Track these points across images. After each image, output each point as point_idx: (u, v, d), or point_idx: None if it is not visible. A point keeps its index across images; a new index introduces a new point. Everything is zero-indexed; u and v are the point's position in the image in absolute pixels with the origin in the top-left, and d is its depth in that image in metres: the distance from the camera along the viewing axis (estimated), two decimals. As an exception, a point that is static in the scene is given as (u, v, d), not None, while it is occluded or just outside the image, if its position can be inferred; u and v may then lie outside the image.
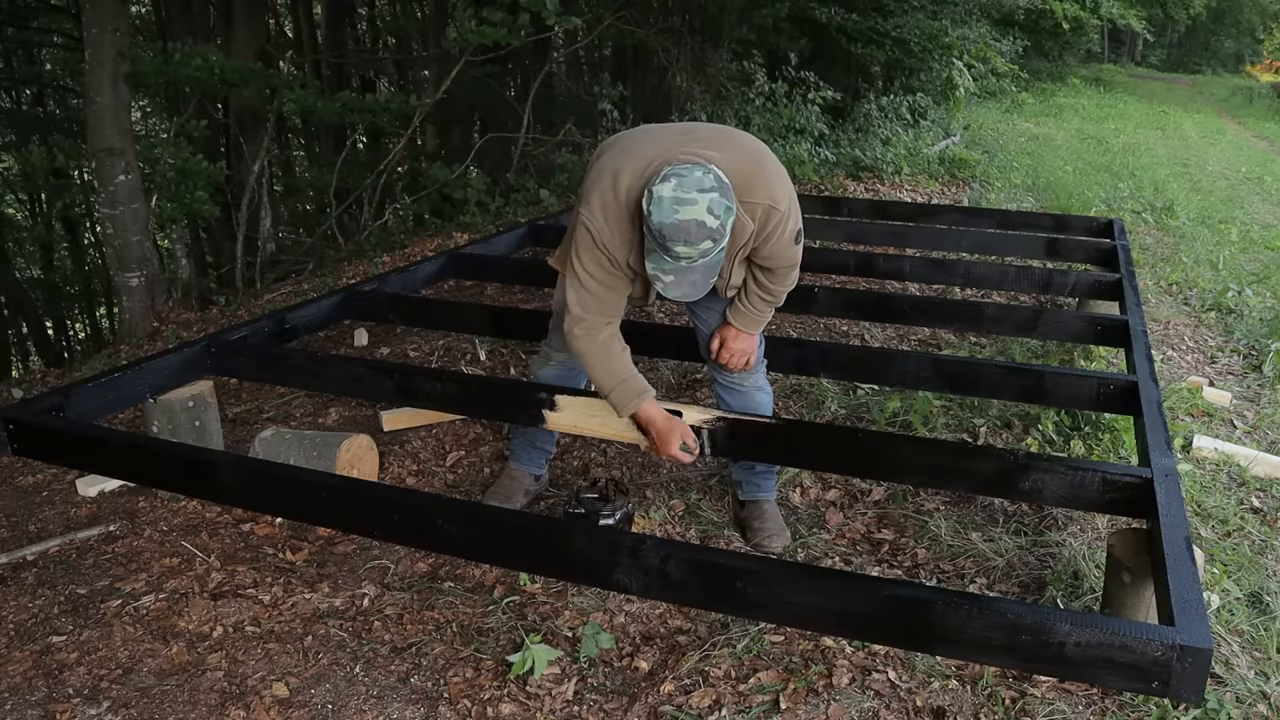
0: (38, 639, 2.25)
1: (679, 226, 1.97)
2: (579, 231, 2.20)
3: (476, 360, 4.03)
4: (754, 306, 2.43)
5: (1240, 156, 12.11)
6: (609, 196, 2.15)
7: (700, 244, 1.99)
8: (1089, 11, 15.37)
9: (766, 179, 2.20)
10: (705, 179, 2.01)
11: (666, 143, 2.17)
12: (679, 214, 1.97)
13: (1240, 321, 4.76)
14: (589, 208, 2.17)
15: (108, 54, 5.18)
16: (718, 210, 1.99)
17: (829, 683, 2.05)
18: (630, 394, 2.30)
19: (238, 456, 2.72)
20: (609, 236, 2.16)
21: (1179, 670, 1.53)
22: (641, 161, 2.13)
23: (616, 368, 2.30)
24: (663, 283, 2.08)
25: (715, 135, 2.26)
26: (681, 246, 1.99)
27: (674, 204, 1.97)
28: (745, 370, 2.56)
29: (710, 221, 1.98)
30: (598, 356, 2.28)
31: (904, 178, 8.31)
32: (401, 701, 2.05)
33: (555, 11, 6.88)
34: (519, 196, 7.58)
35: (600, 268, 2.20)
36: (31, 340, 12.67)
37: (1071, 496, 2.22)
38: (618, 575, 1.87)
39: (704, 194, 1.98)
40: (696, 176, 2.00)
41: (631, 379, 2.30)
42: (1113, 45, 31.08)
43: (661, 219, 1.98)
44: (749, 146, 2.26)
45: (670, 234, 1.98)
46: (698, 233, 1.97)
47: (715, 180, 2.02)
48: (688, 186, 1.99)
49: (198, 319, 5.46)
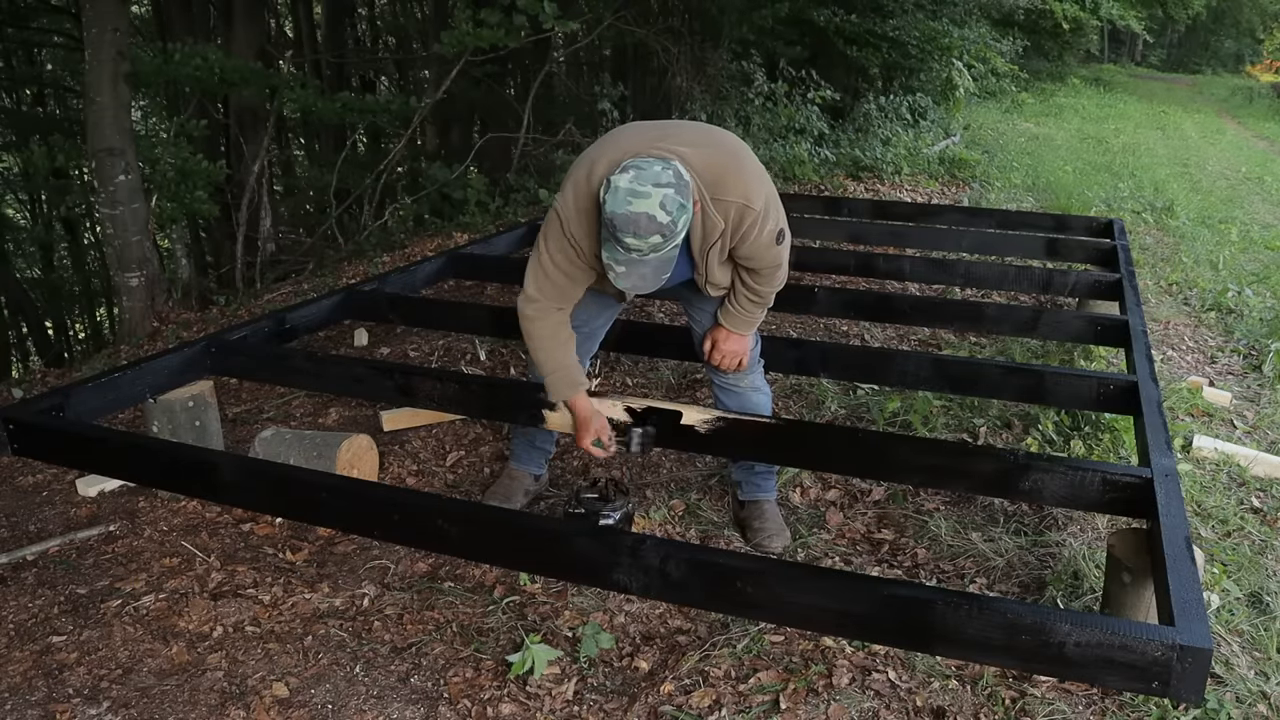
0: (38, 639, 2.25)
1: (629, 218, 1.99)
2: (549, 216, 2.25)
3: (476, 360, 4.03)
4: (742, 308, 2.44)
5: (1240, 156, 12.12)
6: (582, 186, 2.18)
7: (649, 238, 2.00)
8: (1088, 12, 15.37)
9: (741, 177, 2.21)
10: (664, 174, 2.02)
11: (645, 138, 2.20)
12: (631, 206, 1.99)
13: (1240, 321, 4.77)
14: (563, 195, 2.22)
15: (108, 54, 5.18)
16: (670, 207, 2.00)
17: (829, 683, 2.05)
18: (565, 382, 2.37)
19: (238, 456, 2.72)
20: (576, 225, 2.19)
21: (1179, 670, 1.53)
22: (617, 154, 2.15)
23: (558, 354, 2.35)
24: (615, 272, 2.10)
25: (694, 132, 2.28)
26: (631, 238, 2.00)
27: (628, 195, 1.99)
28: (739, 371, 2.56)
29: (661, 216, 1.99)
30: (543, 339, 2.34)
31: (904, 178, 8.31)
32: (401, 701, 2.05)
33: (553, 15, 6.88)
34: (519, 196, 7.57)
35: (564, 256, 2.24)
36: (31, 340, 12.67)
37: (1071, 496, 2.22)
38: (618, 575, 1.87)
39: (659, 189, 2.00)
40: (655, 171, 2.02)
41: (570, 368, 2.36)
42: (1113, 45, 31.09)
43: (614, 209, 2.00)
44: (727, 145, 2.27)
45: (621, 224, 2.00)
46: (647, 226, 1.99)
47: (674, 176, 2.03)
48: (644, 180, 2.01)
49: (198, 319, 5.46)
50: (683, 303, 2.63)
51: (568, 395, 2.39)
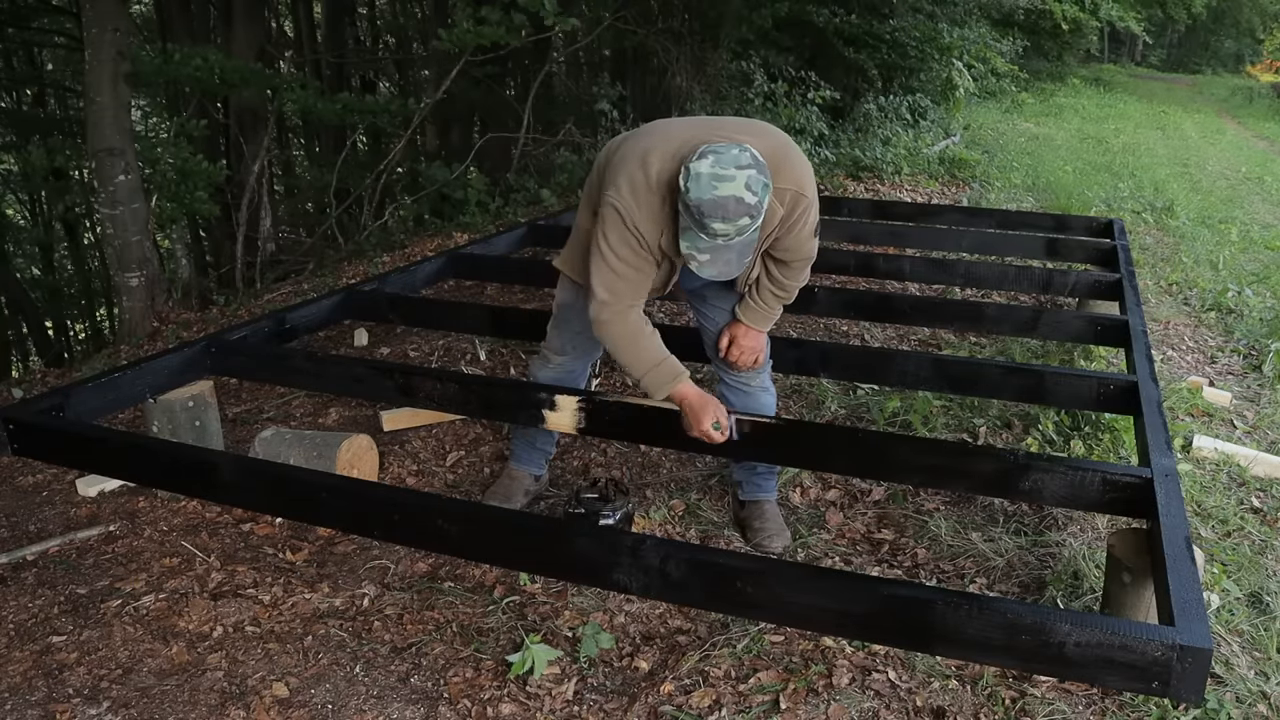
0: (38, 639, 2.25)
1: (718, 202, 1.97)
2: (606, 213, 2.17)
3: (476, 360, 4.03)
4: (765, 303, 2.43)
5: (1240, 156, 12.12)
6: (639, 177, 2.14)
7: (738, 220, 1.99)
8: (1088, 13, 15.37)
9: (796, 165, 2.22)
10: (742, 156, 2.01)
11: (696, 129, 2.19)
12: (718, 190, 1.97)
13: (1240, 321, 4.77)
14: (616, 189, 2.15)
15: (108, 54, 5.18)
16: (755, 187, 1.99)
17: (829, 683, 2.05)
18: (667, 376, 2.28)
19: (238, 456, 2.72)
20: (639, 216, 2.14)
21: (1179, 670, 1.53)
22: (673, 144, 2.13)
23: (648, 350, 2.28)
24: (698, 261, 2.07)
25: (743, 124, 2.29)
26: (719, 223, 1.98)
27: (712, 180, 1.97)
28: (754, 369, 2.55)
29: (749, 198, 1.98)
30: (629, 340, 2.26)
31: (904, 178, 8.31)
32: (401, 701, 2.05)
33: (554, 12, 6.88)
34: (519, 196, 7.57)
35: (629, 248, 2.17)
36: (31, 340, 12.66)
37: (1071, 496, 2.22)
38: (618, 575, 1.87)
39: (742, 170, 1.99)
40: (734, 154, 2.01)
41: (665, 360, 2.28)
42: (1113, 45, 31.10)
43: (700, 195, 1.98)
44: (775, 134, 2.28)
45: (709, 210, 1.97)
46: (736, 209, 1.97)
47: (752, 158, 2.02)
48: (725, 163, 1.99)
49: (198, 319, 5.46)
50: (694, 300, 2.57)
51: (673, 387, 2.29)
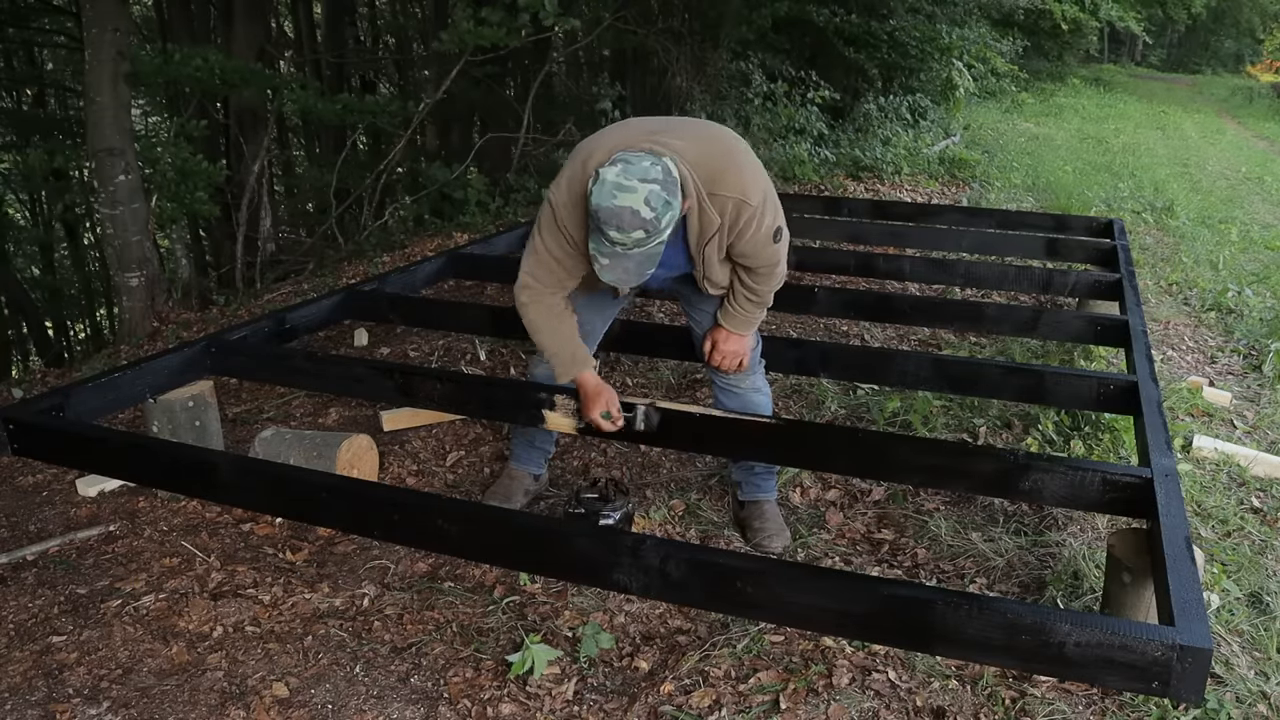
0: (38, 639, 2.25)
1: (613, 211, 1.98)
2: (544, 204, 2.26)
3: (476, 360, 4.03)
4: (741, 308, 2.44)
5: (1240, 156, 12.12)
6: (576, 176, 2.18)
7: (632, 233, 1.99)
8: (1088, 13, 15.37)
9: (738, 173, 2.20)
10: (652, 169, 2.01)
11: (641, 130, 2.20)
12: (616, 199, 1.98)
13: (1240, 321, 4.77)
14: (557, 184, 2.22)
15: (108, 54, 5.18)
16: (655, 203, 1.98)
17: (829, 683, 2.05)
18: (571, 360, 2.37)
19: (238, 456, 2.72)
20: (568, 214, 2.20)
21: (1179, 670, 1.53)
22: (610, 145, 2.15)
23: (560, 334, 2.36)
24: (599, 264, 2.10)
25: (692, 128, 2.28)
26: (614, 231, 2.00)
27: (614, 189, 1.99)
28: (739, 372, 2.56)
29: (645, 212, 1.98)
30: (542, 321, 2.34)
31: (904, 178, 8.31)
32: (401, 701, 2.05)
33: (554, 12, 6.88)
34: (519, 196, 7.57)
35: (556, 242, 2.24)
36: (31, 340, 12.65)
37: (1071, 496, 2.22)
38: (618, 575, 1.87)
39: (645, 184, 1.98)
40: (644, 166, 2.01)
41: (575, 346, 2.37)
42: (1112, 45, 31.10)
43: (599, 201, 2.00)
44: (724, 140, 2.27)
45: (605, 217, 1.99)
46: (630, 220, 1.98)
47: (662, 172, 2.01)
48: (631, 174, 1.99)
49: (198, 319, 5.46)
50: (682, 302, 2.63)
51: (574, 373, 2.37)
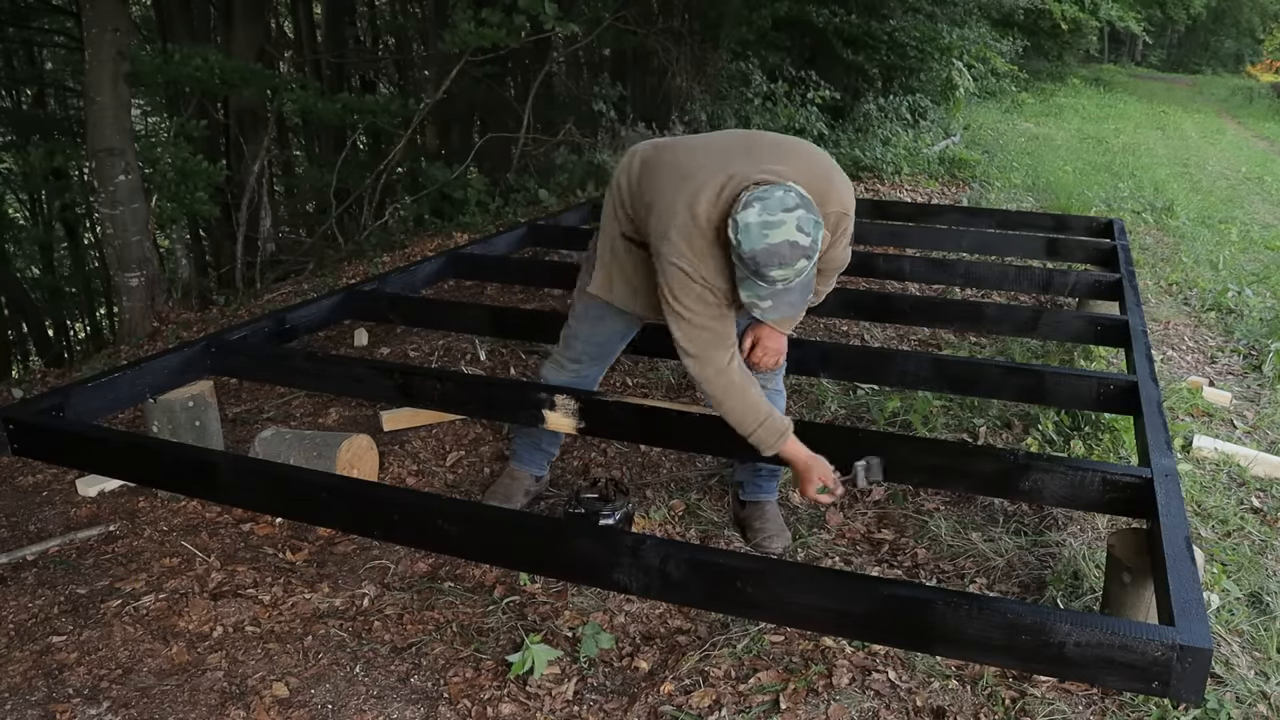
0: (38, 639, 2.25)
1: (772, 251, 1.92)
2: (670, 273, 2.10)
3: (476, 360, 4.03)
4: None
5: (1240, 156, 12.12)
6: (691, 229, 2.07)
7: (795, 264, 1.94)
8: (1088, 13, 15.37)
9: (839, 187, 2.20)
10: (788, 198, 1.95)
11: (732, 162, 2.11)
12: (769, 238, 1.91)
13: (1240, 321, 4.77)
14: (672, 246, 2.08)
15: (108, 54, 5.18)
16: (807, 227, 1.94)
17: (829, 683, 2.05)
18: (775, 432, 2.21)
19: (238, 456, 2.72)
20: (703, 269, 2.08)
21: (1179, 670, 1.53)
22: (714, 184, 2.07)
23: (757, 405, 2.20)
24: (760, 309, 2.02)
25: (779, 147, 2.21)
26: (777, 270, 1.94)
27: (762, 229, 1.92)
28: (772, 371, 2.54)
29: (802, 240, 1.93)
30: (736, 397, 2.18)
31: (904, 178, 8.31)
32: (401, 701, 2.05)
33: (554, 15, 6.88)
34: (519, 196, 7.57)
35: (704, 303, 2.11)
36: (31, 340, 12.65)
37: (1071, 496, 2.22)
38: (618, 575, 1.87)
39: (789, 213, 1.93)
40: (779, 196, 1.95)
41: (773, 417, 2.21)
42: (1112, 45, 31.10)
43: (753, 246, 1.92)
44: (814, 155, 2.23)
45: (764, 260, 1.92)
46: (791, 254, 1.93)
47: (798, 197, 1.96)
48: (772, 209, 1.93)
49: (198, 319, 5.46)
50: None
51: (782, 445, 2.22)
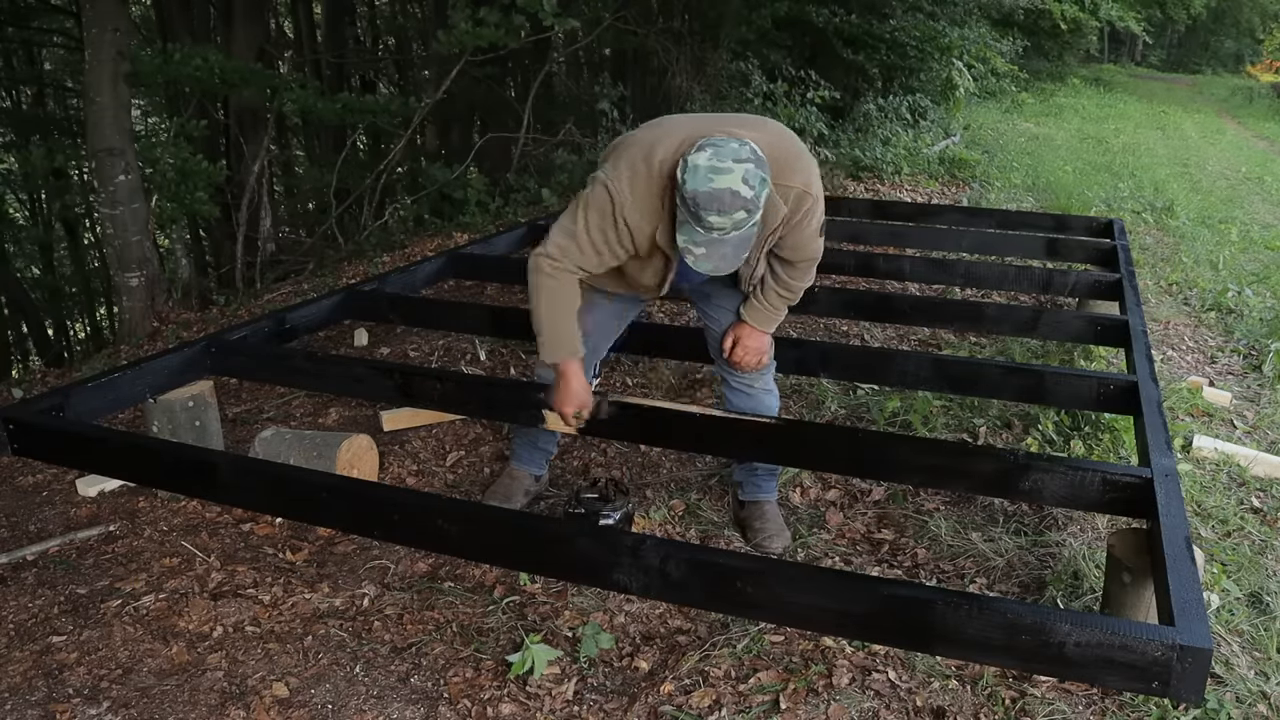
0: (38, 639, 2.25)
1: (713, 195, 1.96)
2: (596, 190, 2.15)
3: (476, 360, 4.03)
4: (770, 304, 2.43)
5: (1240, 156, 12.12)
6: (640, 167, 2.12)
7: (734, 213, 1.97)
8: (1088, 13, 15.38)
9: (802, 163, 2.21)
10: (742, 150, 2.00)
11: (703, 123, 2.17)
12: (714, 182, 1.96)
13: (1240, 321, 4.77)
14: (616, 172, 2.13)
15: (108, 54, 5.18)
16: (753, 180, 1.98)
17: (829, 683, 2.05)
18: (563, 344, 2.29)
19: (237, 456, 2.72)
20: (630, 207, 2.12)
21: (1179, 670, 1.53)
22: (677, 137, 2.12)
23: (562, 314, 2.27)
24: (694, 255, 2.05)
25: (751, 120, 2.27)
26: (715, 216, 1.97)
27: (709, 172, 1.96)
28: (757, 370, 2.55)
29: (744, 191, 1.96)
30: (552, 295, 2.24)
31: (904, 178, 8.31)
32: (401, 701, 2.05)
33: (553, 12, 6.88)
34: (519, 196, 7.58)
35: (603, 234, 2.16)
36: (31, 340, 12.65)
37: (1071, 496, 2.22)
38: (618, 575, 1.87)
39: (740, 164, 1.97)
40: (733, 147, 2.00)
41: (571, 331, 2.29)
42: (1112, 45, 31.11)
43: (696, 186, 1.97)
44: (785, 132, 2.28)
45: (704, 202, 1.96)
46: (731, 201, 1.96)
47: (751, 152, 2.01)
48: (723, 156, 1.98)
49: (198, 319, 5.46)
50: (700, 301, 2.57)
51: (562, 357, 2.32)
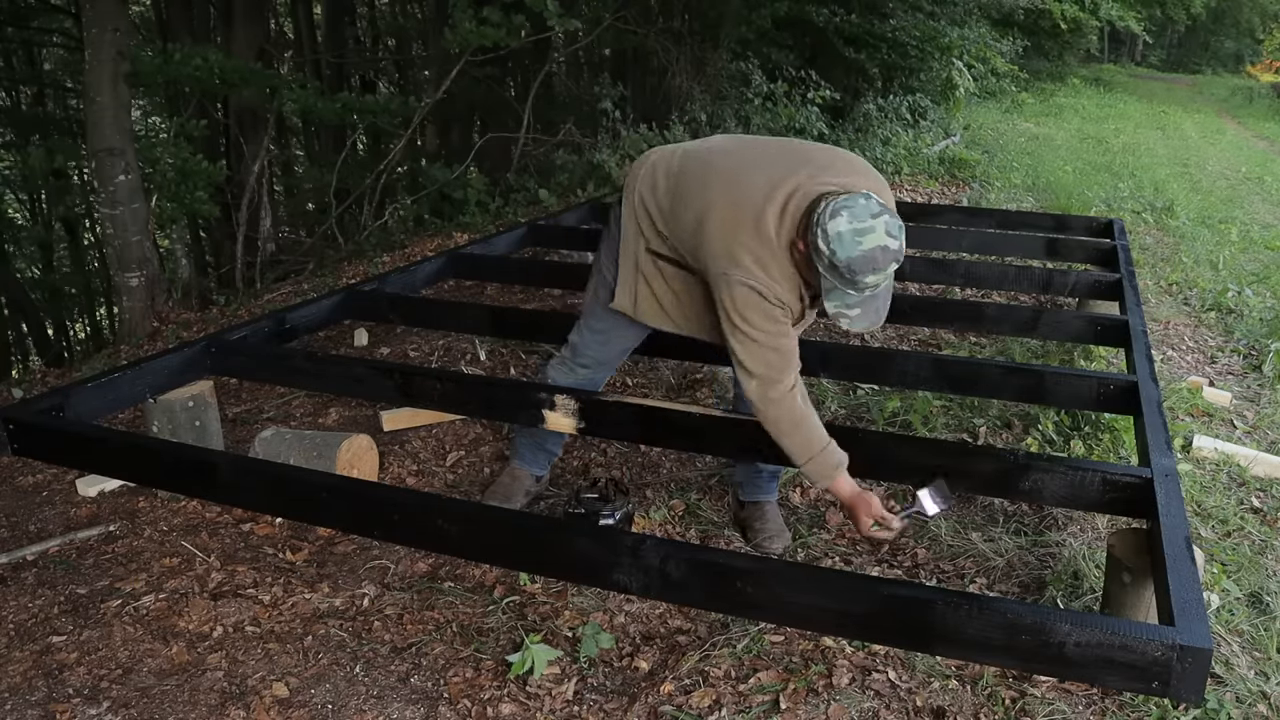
0: (38, 639, 2.25)
1: (867, 258, 1.92)
2: (740, 293, 2.07)
3: (476, 360, 4.03)
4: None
5: (1240, 156, 12.12)
6: (760, 249, 2.07)
7: (887, 268, 1.95)
8: (1088, 13, 15.38)
9: (886, 190, 2.21)
10: (871, 204, 1.96)
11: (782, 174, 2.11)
12: (863, 245, 1.92)
13: (1240, 321, 4.77)
14: (741, 268, 2.07)
15: (108, 54, 5.18)
16: (894, 230, 1.95)
17: (829, 683, 2.06)
18: (830, 465, 2.17)
19: (238, 456, 2.72)
20: (778, 289, 2.08)
21: (1179, 670, 1.53)
22: (777, 200, 2.07)
23: (815, 434, 2.17)
24: (848, 319, 2.00)
25: (823, 157, 2.22)
26: (871, 276, 1.94)
27: (855, 235, 1.92)
28: None
29: (892, 244, 1.94)
30: (796, 424, 2.16)
31: (904, 178, 8.31)
32: (401, 701, 2.05)
33: (556, 13, 6.88)
34: (519, 196, 7.57)
35: (775, 322, 2.11)
36: (31, 340, 12.65)
37: (1071, 496, 2.22)
38: (618, 575, 1.87)
39: (876, 219, 1.94)
40: (863, 204, 1.95)
41: (830, 447, 2.17)
42: (1112, 45, 31.11)
43: (849, 254, 1.92)
44: (857, 164, 2.24)
45: (860, 267, 1.92)
46: (883, 258, 1.94)
47: (880, 203, 1.98)
48: (860, 215, 1.94)
49: (198, 319, 5.46)
50: None
51: (833, 479, 2.18)
